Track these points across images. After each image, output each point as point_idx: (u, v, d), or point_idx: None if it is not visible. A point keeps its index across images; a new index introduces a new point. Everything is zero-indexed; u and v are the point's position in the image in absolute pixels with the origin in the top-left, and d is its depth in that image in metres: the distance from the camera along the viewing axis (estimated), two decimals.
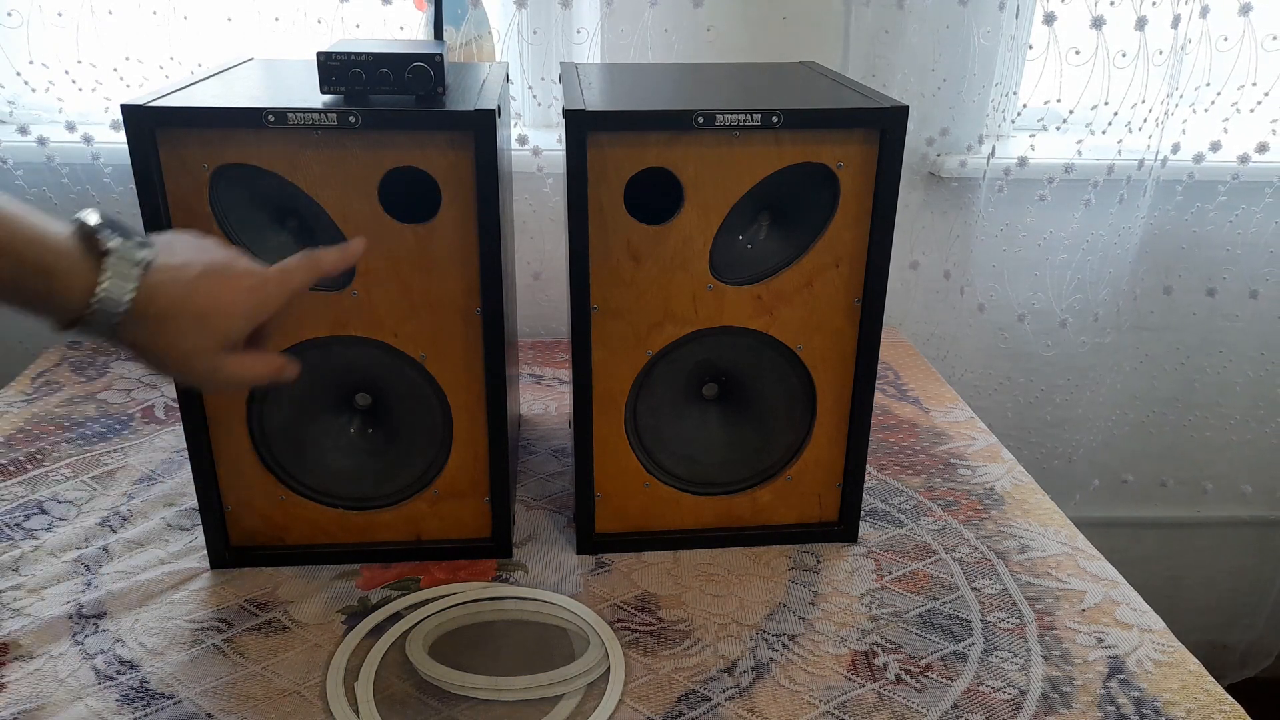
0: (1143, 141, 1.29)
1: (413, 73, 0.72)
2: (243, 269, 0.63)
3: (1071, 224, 1.36)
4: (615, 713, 0.68)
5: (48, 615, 0.77)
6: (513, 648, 0.74)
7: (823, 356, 0.82)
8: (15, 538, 0.87)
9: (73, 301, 0.56)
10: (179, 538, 0.87)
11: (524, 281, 1.32)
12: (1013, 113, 1.33)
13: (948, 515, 0.93)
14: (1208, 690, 0.71)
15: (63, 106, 1.22)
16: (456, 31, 1.14)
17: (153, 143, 0.69)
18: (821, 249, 0.78)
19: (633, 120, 0.73)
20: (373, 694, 0.69)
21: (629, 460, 0.84)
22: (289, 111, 0.69)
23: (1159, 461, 1.56)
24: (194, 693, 0.70)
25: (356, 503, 0.83)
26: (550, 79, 1.25)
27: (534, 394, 1.17)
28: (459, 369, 0.79)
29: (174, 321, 0.59)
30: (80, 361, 1.22)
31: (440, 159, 0.72)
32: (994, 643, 0.76)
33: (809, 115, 0.73)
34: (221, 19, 1.20)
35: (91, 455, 1.01)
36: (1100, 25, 1.23)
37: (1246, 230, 1.39)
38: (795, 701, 0.70)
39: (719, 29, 1.21)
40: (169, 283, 0.59)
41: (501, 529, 0.85)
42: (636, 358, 0.80)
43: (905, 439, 1.07)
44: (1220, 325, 1.46)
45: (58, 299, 0.56)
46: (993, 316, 1.42)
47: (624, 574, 0.83)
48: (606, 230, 0.76)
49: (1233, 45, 1.26)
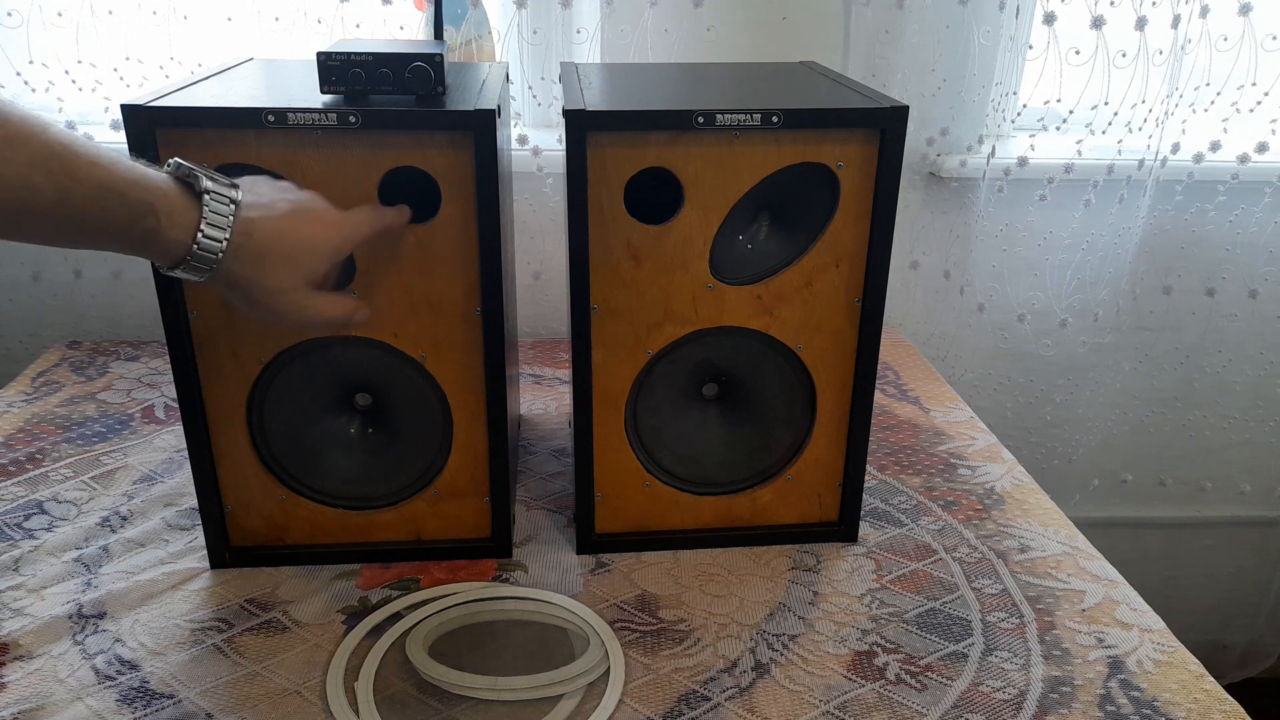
0: (1143, 141, 1.29)
1: (413, 73, 0.72)
2: (323, 207, 0.67)
3: (1071, 224, 1.36)
4: (615, 713, 0.68)
5: (48, 615, 0.77)
6: (513, 648, 0.74)
7: (823, 356, 0.82)
8: (15, 538, 0.87)
9: (180, 239, 0.59)
10: (179, 538, 0.87)
11: (524, 281, 1.32)
12: (1013, 113, 1.33)
13: (948, 515, 0.93)
14: (1208, 690, 0.71)
15: (63, 106, 1.22)
16: (456, 31, 1.14)
17: (153, 143, 0.69)
18: (821, 249, 0.78)
19: (633, 120, 0.73)
20: (373, 694, 0.69)
21: (629, 460, 0.84)
22: (289, 111, 0.69)
23: (1159, 461, 1.56)
24: (194, 693, 0.70)
25: (356, 503, 0.83)
26: (550, 79, 1.25)
27: (534, 394, 1.17)
28: (459, 369, 0.79)
29: (267, 258, 0.63)
30: (80, 361, 1.23)
31: (440, 159, 0.72)
32: (994, 643, 0.76)
33: (809, 115, 0.73)
34: (221, 19, 1.20)
35: (91, 455, 1.01)
36: (1100, 25, 1.23)
37: (1246, 230, 1.39)
38: (795, 701, 0.70)
39: (719, 29, 1.21)
40: (260, 219, 0.63)
41: (501, 529, 0.85)
42: (636, 358, 0.80)
43: (905, 439, 1.07)
44: (1220, 325, 1.46)
45: (164, 237, 0.59)
46: (993, 316, 1.42)
47: (624, 574, 0.83)
48: (606, 230, 0.76)
49: (1233, 45, 1.26)
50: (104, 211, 0.56)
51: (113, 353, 1.25)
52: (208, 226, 0.60)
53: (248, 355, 0.77)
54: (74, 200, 0.55)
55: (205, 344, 0.76)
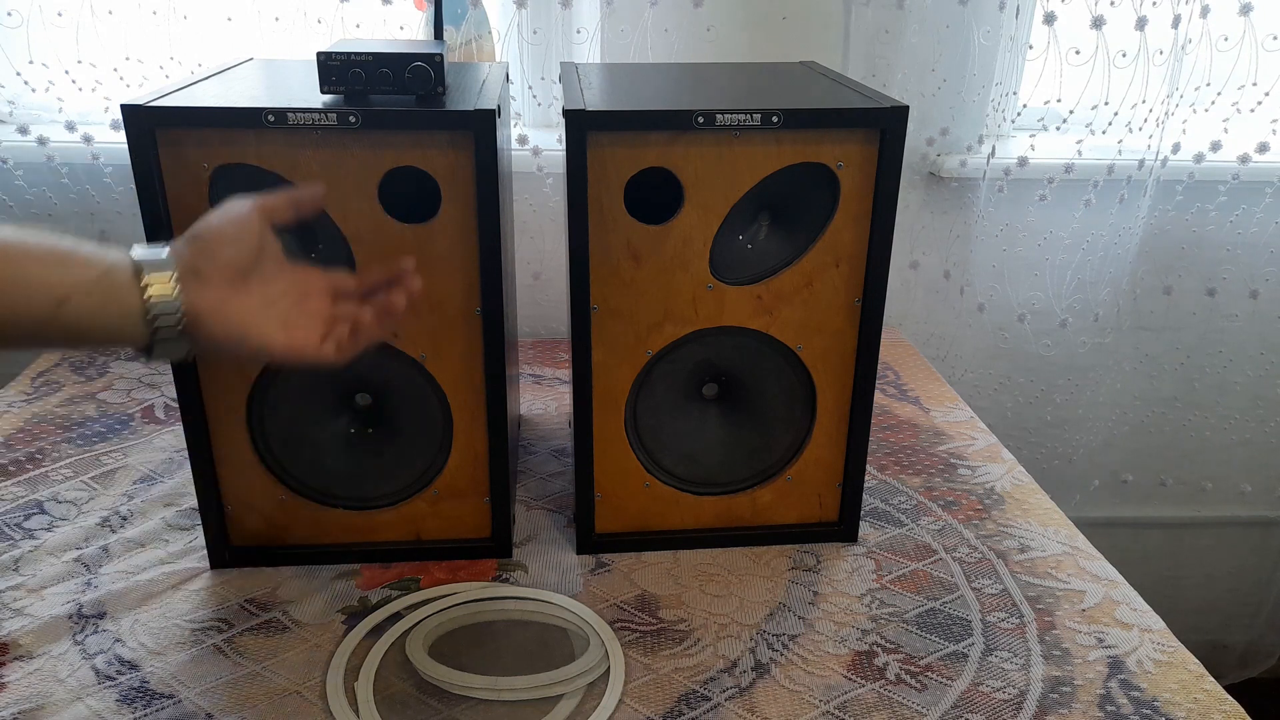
0: (1143, 141, 1.29)
1: (413, 73, 0.72)
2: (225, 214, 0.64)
3: (1071, 224, 1.36)
4: (615, 713, 0.68)
5: (48, 615, 0.77)
6: (513, 648, 0.74)
7: (823, 356, 0.82)
8: (15, 538, 0.87)
9: (136, 311, 0.58)
10: (179, 538, 0.87)
11: (524, 281, 1.32)
12: (1013, 113, 1.33)
13: (948, 515, 0.93)
14: (1208, 690, 0.71)
15: (63, 106, 1.22)
16: (456, 31, 1.14)
17: (153, 143, 0.69)
18: (821, 249, 0.78)
19: (633, 120, 0.73)
20: (373, 694, 0.69)
21: (629, 460, 0.84)
22: (289, 111, 0.69)
23: (1159, 461, 1.56)
24: (194, 693, 0.70)
25: (356, 503, 0.83)
26: (550, 79, 1.25)
27: (534, 394, 1.17)
28: (459, 369, 0.79)
29: (205, 267, 0.61)
30: (80, 361, 1.22)
31: (440, 159, 0.72)
32: (994, 643, 0.76)
33: (809, 115, 0.73)
34: (221, 19, 1.20)
35: (91, 455, 1.01)
36: (1100, 25, 1.23)
37: (1247, 230, 1.39)
38: (795, 701, 0.70)
39: (719, 29, 1.21)
40: (185, 241, 0.61)
41: (501, 529, 0.85)
42: (636, 358, 0.80)
43: (905, 439, 1.07)
44: (1220, 325, 1.46)
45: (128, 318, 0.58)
46: (993, 316, 1.42)
47: (624, 574, 0.83)
48: (606, 230, 0.76)
49: (1233, 45, 1.26)
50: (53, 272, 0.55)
51: (113, 352, 1.25)
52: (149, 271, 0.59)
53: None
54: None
55: None
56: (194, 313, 0.60)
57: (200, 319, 0.60)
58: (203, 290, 0.60)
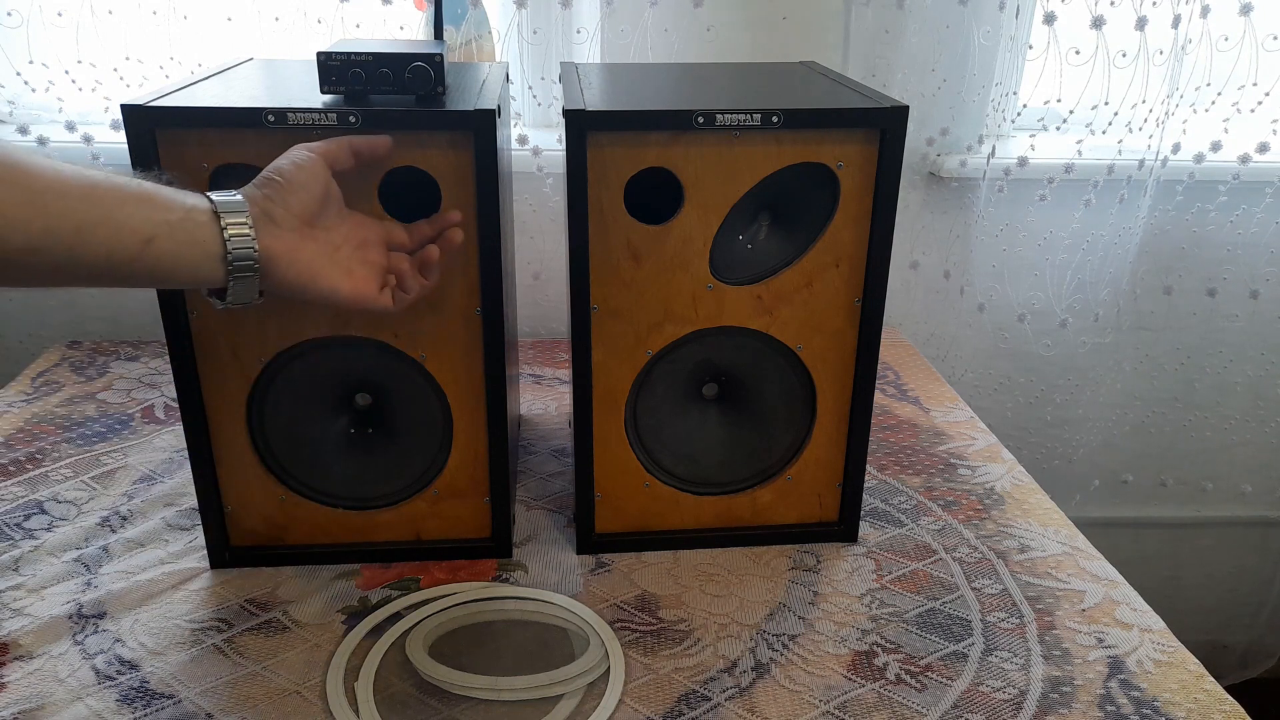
0: (1143, 141, 1.29)
1: (413, 73, 0.72)
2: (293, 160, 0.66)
3: (1071, 224, 1.36)
4: (615, 713, 0.68)
5: (48, 615, 0.77)
6: (513, 648, 0.74)
7: (823, 356, 0.82)
8: (15, 538, 0.87)
9: (217, 252, 0.60)
10: (179, 538, 0.87)
11: (524, 281, 1.32)
12: (1013, 113, 1.33)
13: (948, 515, 0.93)
14: (1208, 690, 0.71)
15: (63, 106, 1.22)
16: (456, 31, 1.14)
17: (153, 143, 0.69)
18: (821, 249, 0.78)
19: (633, 120, 0.73)
20: (373, 694, 0.69)
21: (629, 460, 0.84)
22: (289, 111, 0.69)
23: (1159, 461, 1.56)
24: (194, 693, 0.70)
25: (356, 503, 0.83)
26: (550, 79, 1.25)
27: (534, 394, 1.17)
28: (459, 369, 0.79)
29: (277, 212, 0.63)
30: (80, 361, 1.23)
31: (440, 159, 0.72)
32: (994, 643, 0.76)
33: (809, 115, 0.73)
34: (221, 19, 1.20)
35: (91, 455, 1.01)
36: (1100, 25, 1.23)
37: (1247, 230, 1.39)
38: (795, 701, 0.70)
39: (719, 29, 1.21)
40: (250, 191, 0.63)
41: (501, 529, 0.85)
42: (636, 358, 0.80)
43: (905, 439, 1.07)
44: (1220, 325, 1.46)
45: (206, 260, 0.59)
46: (993, 316, 1.42)
47: (624, 574, 0.83)
48: (606, 230, 0.76)
49: (1233, 45, 1.26)
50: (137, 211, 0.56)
51: (113, 353, 1.25)
52: (232, 234, 0.61)
53: (248, 355, 0.77)
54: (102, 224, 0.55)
55: (205, 344, 0.76)
56: (268, 256, 0.62)
57: (274, 262, 0.62)
58: (276, 234, 0.62)
